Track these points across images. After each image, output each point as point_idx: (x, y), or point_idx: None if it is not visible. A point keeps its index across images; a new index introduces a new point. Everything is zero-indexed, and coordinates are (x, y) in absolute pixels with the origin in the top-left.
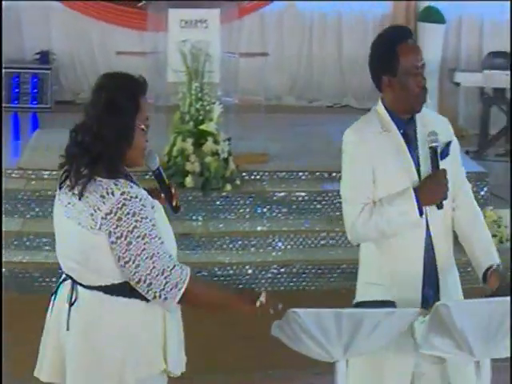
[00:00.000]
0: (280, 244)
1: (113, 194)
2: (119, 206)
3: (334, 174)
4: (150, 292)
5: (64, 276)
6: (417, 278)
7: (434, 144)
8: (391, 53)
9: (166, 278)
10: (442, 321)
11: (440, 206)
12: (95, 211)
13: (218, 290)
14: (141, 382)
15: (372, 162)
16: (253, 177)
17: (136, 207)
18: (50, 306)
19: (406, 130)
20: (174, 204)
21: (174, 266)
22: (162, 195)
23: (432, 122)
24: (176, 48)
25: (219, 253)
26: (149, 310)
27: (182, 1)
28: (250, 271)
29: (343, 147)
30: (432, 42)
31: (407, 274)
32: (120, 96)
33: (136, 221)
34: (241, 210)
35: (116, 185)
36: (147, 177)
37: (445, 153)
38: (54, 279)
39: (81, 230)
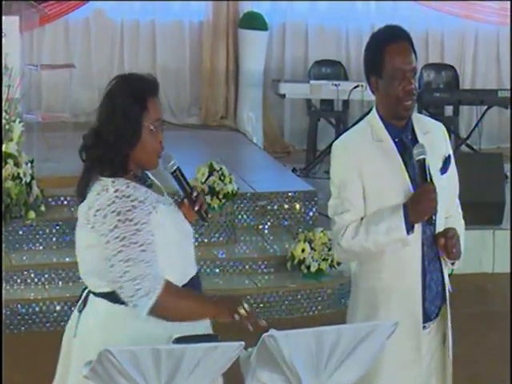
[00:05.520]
0: None
1: (107, 190)
2: (109, 203)
3: None
4: (122, 295)
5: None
6: (415, 294)
7: (420, 157)
8: (378, 53)
9: (137, 284)
10: (270, 353)
11: (430, 222)
12: (89, 209)
13: (193, 302)
14: None
15: (361, 177)
16: (60, 202)
17: (124, 207)
18: None
19: (401, 137)
20: (195, 209)
21: (148, 275)
22: (185, 201)
23: (431, 129)
24: None
25: (23, 288)
26: (151, 320)
27: None
28: (58, 308)
29: (331, 160)
30: (254, 51)
31: (404, 291)
32: (122, 99)
33: (119, 220)
34: (47, 240)
35: (113, 182)
36: None
37: (445, 169)
38: None
39: (79, 230)
